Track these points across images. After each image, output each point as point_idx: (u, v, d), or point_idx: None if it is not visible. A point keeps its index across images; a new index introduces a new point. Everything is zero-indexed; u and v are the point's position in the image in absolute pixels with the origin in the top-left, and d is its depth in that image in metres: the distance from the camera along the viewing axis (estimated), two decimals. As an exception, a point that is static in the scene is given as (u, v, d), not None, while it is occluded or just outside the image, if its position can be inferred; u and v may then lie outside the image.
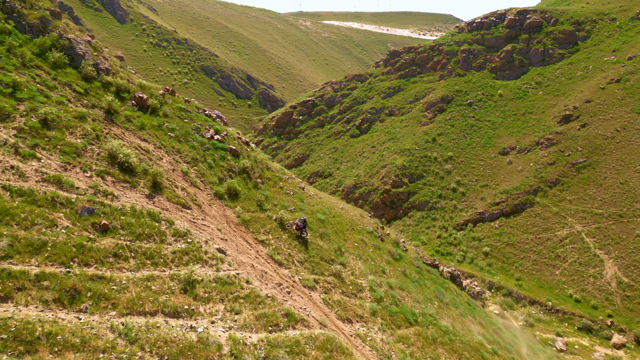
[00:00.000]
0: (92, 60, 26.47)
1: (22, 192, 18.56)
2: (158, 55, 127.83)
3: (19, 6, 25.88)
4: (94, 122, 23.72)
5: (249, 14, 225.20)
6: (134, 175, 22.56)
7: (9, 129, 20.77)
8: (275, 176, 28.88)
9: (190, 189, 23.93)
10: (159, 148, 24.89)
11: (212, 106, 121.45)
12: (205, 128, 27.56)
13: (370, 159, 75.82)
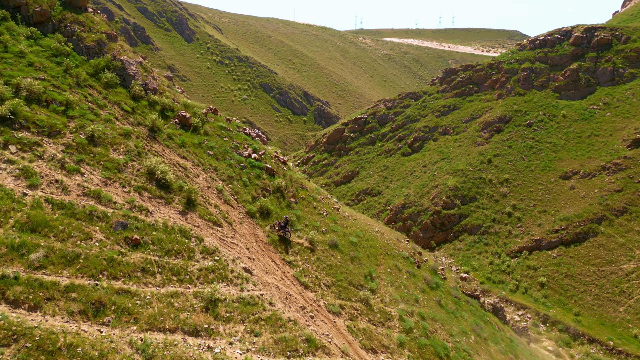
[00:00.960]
0: (142, 80, 27.92)
1: (63, 205, 19.72)
2: (220, 72, 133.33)
3: (79, 30, 27.94)
4: (137, 139, 24.90)
5: (310, 32, 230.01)
6: (170, 191, 23.32)
7: (58, 144, 22.27)
8: (310, 196, 28.82)
9: (223, 207, 24.36)
10: (196, 165, 25.63)
11: (268, 122, 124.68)
12: (244, 146, 28.12)
13: (421, 178, 73.98)
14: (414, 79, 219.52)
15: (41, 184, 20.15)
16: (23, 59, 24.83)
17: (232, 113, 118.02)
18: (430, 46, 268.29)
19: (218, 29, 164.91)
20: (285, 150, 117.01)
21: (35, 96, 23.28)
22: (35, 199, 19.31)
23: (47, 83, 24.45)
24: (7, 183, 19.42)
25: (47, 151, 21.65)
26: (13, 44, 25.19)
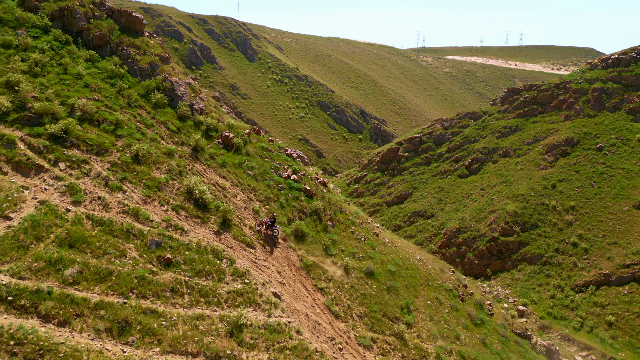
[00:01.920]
0: (189, 100, 28.75)
1: (102, 221, 20.39)
2: (279, 91, 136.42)
3: (134, 52, 29.36)
4: (179, 159, 25.49)
5: (370, 50, 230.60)
6: (207, 211, 23.53)
7: (104, 162, 23.24)
8: (348, 220, 28.04)
9: (258, 228, 24.17)
10: (235, 185, 25.77)
11: (324, 139, 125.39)
12: (284, 167, 28.00)
13: (478, 202, 70.56)
14: (476, 98, 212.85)
15: (84, 200, 21.03)
16: (80, 81, 26.39)
17: (288, 130, 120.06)
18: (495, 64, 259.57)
19: (280, 49, 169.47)
20: (339, 168, 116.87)
21: (87, 116, 24.57)
22: (77, 215, 20.13)
23: (100, 103, 25.76)
24: (53, 199, 20.42)
25: (94, 169, 22.64)
26: (72, 66, 26.88)
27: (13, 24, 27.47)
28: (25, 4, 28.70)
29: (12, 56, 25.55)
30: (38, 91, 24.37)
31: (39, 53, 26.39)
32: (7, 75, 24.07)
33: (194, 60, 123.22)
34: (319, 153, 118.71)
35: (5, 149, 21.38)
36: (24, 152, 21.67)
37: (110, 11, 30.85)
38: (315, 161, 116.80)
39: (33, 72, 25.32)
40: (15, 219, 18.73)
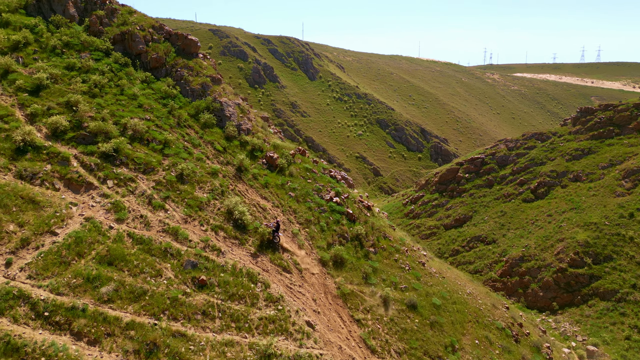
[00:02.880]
0: (237, 121, 29.04)
1: (142, 240, 20.71)
2: (338, 109, 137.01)
3: (187, 74, 30.25)
4: (223, 178, 25.62)
5: (434, 68, 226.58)
6: (245, 232, 23.30)
7: (150, 181, 23.80)
8: (392, 247, 26.69)
9: (296, 252, 23.55)
10: (276, 207, 25.43)
11: (381, 157, 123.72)
12: (327, 189, 27.34)
13: (544, 229, 65.69)
14: (547, 117, 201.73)
15: (127, 218, 21.52)
16: (134, 101, 27.49)
17: (346, 148, 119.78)
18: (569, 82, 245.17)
19: (341, 67, 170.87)
20: (397, 187, 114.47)
21: (138, 135, 25.42)
22: (119, 232, 20.60)
23: (151, 123, 26.61)
24: (98, 216, 21.08)
25: (139, 187, 23.23)
26: (129, 87, 28.09)
27: (78, 48, 29.29)
28: (90, 29, 30.58)
29: (74, 78, 27.14)
30: (94, 111, 25.61)
31: (99, 75, 27.85)
32: (68, 95, 25.53)
33: (257, 79, 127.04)
34: (376, 171, 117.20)
35: (60, 166, 22.48)
36: (76, 170, 22.67)
37: (168, 34, 32.13)
38: (372, 179, 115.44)
39: (92, 93, 26.70)
40: (60, 234, 19.43)
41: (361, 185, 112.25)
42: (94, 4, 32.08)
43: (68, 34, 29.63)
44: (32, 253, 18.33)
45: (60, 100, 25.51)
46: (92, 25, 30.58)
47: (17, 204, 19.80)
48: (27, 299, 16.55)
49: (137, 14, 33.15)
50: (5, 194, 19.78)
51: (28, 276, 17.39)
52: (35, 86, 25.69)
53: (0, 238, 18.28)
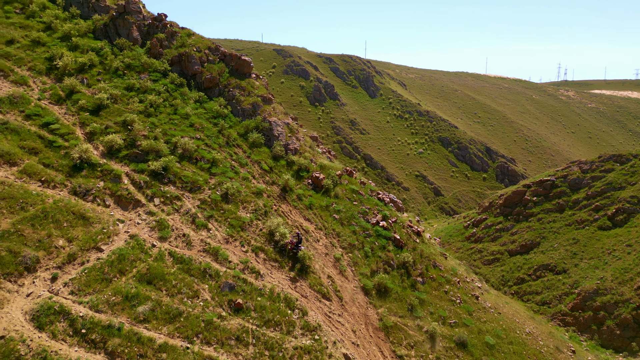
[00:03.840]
0: (285, 140, 28.81)
1: (182, 259, 20.70)
2: (399, 126, 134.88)
3: (238, 94, 30.59)
4: (267, 198, 25.30)
5: (501, 85, 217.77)
6: (285, 255, 22.69)
7: (195, 199, 23.97)
8: (442, 277, 24.82)
9: (338, 278, 22.57)
10: (319, 229, 24.66)
11: (443, 176, 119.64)
12: (373, 212, 26.17)
13: (622, 260, 59.56)
14: (629, 137, 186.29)
15: (170, 236, 21.68)
16: (187, 120, 28.11)
17: (405, 166, 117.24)
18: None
19: (402, 85, 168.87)
20: (459, 208, 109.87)
21: (187, 153, 25.85)
22: (161, 251, 20.74)
23: (201, 142, 27.01)
24: (143, 234, 21.41)
25: (185, 205, 23.45)
26: (182, 107, 28.81)
27: (138, 69, 30.62)
28: (151, 51, 31.93)
29: (132, 98, 28.30)
30: (148, 130, 26.42)
31: (155, 95, 28.84)
32: (125, 115, 26.58)
33: (317, 97, 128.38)
34: (436, 191, 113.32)
35: (112, 183, 23.24)
36: (127, 187, 23.32)
37: (223, 55, 32.84)
38: (432, 199, 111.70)
39: (147, 112, 27.64)
40: (105, 251, 19.86)
41: (420, 204, 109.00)
42: (155, 28, 33.58)
43: (130, 56, 31.12)
44: (77, 268, 18.80)
45: (118, 119, 26.62)
46: (152, 48, 31.92)
47: (69, 219, 20.55)
48: (67, 315, 16.85)
49: (195, 36, 34.26)
50: (58, 209, 20.62)
51: (71, 292, 17.79)
52: (96, 106, 27.02)
53: (50, 252, 18.95)
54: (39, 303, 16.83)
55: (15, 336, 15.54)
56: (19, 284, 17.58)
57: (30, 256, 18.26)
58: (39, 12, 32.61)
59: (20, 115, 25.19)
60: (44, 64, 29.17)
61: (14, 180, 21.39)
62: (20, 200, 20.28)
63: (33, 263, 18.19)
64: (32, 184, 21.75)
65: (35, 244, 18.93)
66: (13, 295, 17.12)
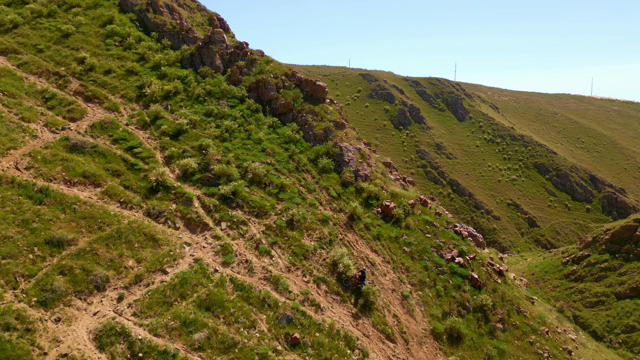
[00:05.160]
0: (355, 166, 27.81)
1: (242, 286, 20.32)
2: (489, 151, 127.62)
3: (311, 119, 30.32)
4: (333, 226, 24.33)
5: (609, 107, 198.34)
6: (348, 288, 21.41)
7: (261, 225, 23.71)
8: (527, 325, 21.69)
9: (404, 318, 20.72)
10: (386, 262, 23.06)
11: (539, 206, 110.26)
12: (449, 247, 23.93)
13: None
14: None
15: (233, 262, 21.50)
16: (259, 145, 28.32)
17: (496, 194, 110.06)
18: None
19: (494, 107, 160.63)
20: (557, 242, 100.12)
21: (257, 178, 25.87)
22: (222, 276, 20.57)
23: (271, 167, 26.96)
24: (207, 258, 21.47)
25: (250, 230, 23.27)
26: (255, 132, 29.15)
27: (218, 96, 31.72)
28: (231, 78, 33.02)
29: (209, 123, 29.22)
30: (221, 154, 26.97)
31: (231, 120, 29.55)
32: (201, 139, 27.43)
33: (402, 120, 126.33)
34: (531, 221, 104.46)
35: (184, 206, 23.83)
36: (196, 210, 23.76)
37: (299, 81, 32.99)
38: (526, 230, 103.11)
39: (222, 137, 28.31)
40: (170, 274, 20.12)
41: (512, 235, 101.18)
42: (237, 56, 34.80)
43: (211, 83, 32.42)
44: (142, 290, 19.17)
45: (195, 143, 27.55)
46: (232, 75, 33.01)
47: (140, 240, 21.23)
48: (127, 337, 17.06)
49: (274, 63, 34.92)
50: (131, 230, 21.42)
51: (133, 313, 18.07)
52: (176, 130, 28.27)
53: (119, 272, 19.57)
54: (102, 323, 17.24)
55: (76, 355, 15.95)
56: (88, 302, 18.24)
57: (101, 275, 18.94)
58: (135, 44, 35.40)
59: (109, 139, 27.05)
60: (134, 91, 31.37)
61: (96, 200, 22.73)
62: (99, 220, 21.36)
63: (103, 282, 18.83)
64: (112, 205, 22.94)
65: (107, 263, 19.66)
66: (81, 313, 17.76)
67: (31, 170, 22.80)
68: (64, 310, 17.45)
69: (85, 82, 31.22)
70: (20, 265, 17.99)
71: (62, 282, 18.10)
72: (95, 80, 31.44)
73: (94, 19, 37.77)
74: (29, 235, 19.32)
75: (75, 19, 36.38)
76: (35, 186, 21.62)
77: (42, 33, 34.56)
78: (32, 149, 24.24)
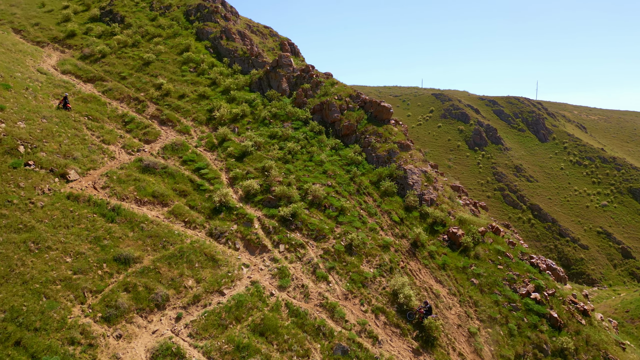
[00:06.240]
0: (420, 190, 26.51)
1: (297, 312, 19.76)
2: (575, 174, 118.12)
3: (374, 140, 29.56)
4: (395, 253, 23.16)
5: None
6: (409, 321, 20.05)
7: (319, 248, 23.15)
8: (617, 376, 18.80)
9: (471, 357, 18.92)
10: (452, 295, 21.38)
11: (635, 235, 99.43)
12: (523, 281, 21.68)
13: None
14: None
15: (289, 286, 21.07)
16: (320, 167, 28.01)
17: (583, 220, 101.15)
18: None
19: (581, 127, 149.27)
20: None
21: (317, 200, 25.48)
22: (278, 301, 20.18)
23: (332, 189, 26.46)
24: (263, 280, 21.23)
25: (308, 254, 22.79)
26: (317, 154, 28.92)
27: (283, 118, 32.06)
28: (296, 101, 33.31)
29: (273, 145, 29.49)
30: (283, 176, 26.98)
31: (294, 142, 29.62)
32: (264, 161, 27.69)
33: (477, 141, 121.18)
34: (625, 252, 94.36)
35: (244, 227, 23.97)
36: (256, 232, 23.78)
37: (363, 102, 32.49)
38: (619, 261, 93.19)
39: (285, 159, 28.39)
40: (227, 295, 20.10)
41: (603, 267, 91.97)
42: (302, 79, 35.15)
43: (277, 106, 32.90)
44: (199, 310, 19.27)
45: (258, 165, 27.87)
46: (297, 98, 33.31)
47: (200, 260, 21.52)
48: (181, 358, 17.10)
49: (339, 85, 34.80)
50: (193, 250, 21.81)
51: (189, 334, 18.14)
52: (241, 152, 28.81)
53: (179, 292, 19.88)
54: (160, 342, 17.44)
55: (132, 373, 16.19)
56: (148, 320, 18.62)
57: (162, 294, 19.32)
58: (208, 70, 37.07)
59: (179, 161, 28.17)
60: (205, 114, 32.64)
61: (162, 219, 23.53)
62: (164, 239, 22.01)
63: (163, 301, 19.18)
64: (177, 224, 23.63)
65: (168, 282, 20.06)
66: (141, 331, 18.13)
67: (107, 190, 24.17)
68: (125, 327, 17.90)
69: (161, 106, 33.07)
70: (89, 281, 18.81)
71: (125, 299, 18.66)
72: (170, 105, 33.20)
73: (173, 47, 40.24)
74: (99, 251, 20.27)
75: (155, 48, 38.96)
76: (108, 205, 22.81)
77: (126, 62, 37.33)
78: (109, 169, 25.79)
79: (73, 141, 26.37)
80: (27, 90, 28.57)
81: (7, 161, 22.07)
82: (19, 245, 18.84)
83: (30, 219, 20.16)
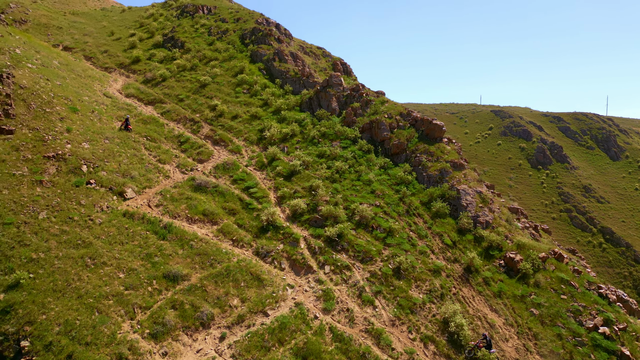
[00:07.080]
0: (474, 212, 25.19)
1: (342, 337, 19.11)
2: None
3: (425, 159, 28.61)
4: (446, 279, 21.98)
5: None
6: (462, 352, 18.80)
7: (365, 271, 22.45)
8: None
9: (530, 397, 17.31)
10: (509, 325, 19.85)
11: None
12: (590, 313, 19.69)
13: None
14: None
15: (334, 309, 20.50)
16: (368, 187, 27.44)
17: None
18: None
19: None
20: None
21: (364, 221, 24.88)
22: (322, 324, 19.65)
23: (380, 209, 25.77)
24: (308, 302, 20.82)
25: (354, 276, 22.16)
26: (366, 173, 28.41)
27: (332, 137, 31.93)
28: (345, 120, 33.13)
29: (321, 164, 29.35)
30: (330, 195, 26.67)
31: (342, 161, 29.32)
32: (312, 180, 27.56)
33: (540, 159, 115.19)
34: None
35: (290, 246, 23.80)
36: (302, 252, 23.52)
37: (414, 120, 31.71)
38: None
39: (332, 178, 28.12)
40: (270, 316, 19.87)
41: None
42: (352, 98, 34.99)
43: (326, 125, 32.87)
44: (243, 331, 19.15)
45: (305, 184, 27.78)
46: (347, 117, 33.12)
47: (246, 279, 21.53)
48: (223, 380, 16.95)
49: (389, 103, 34.27)
50: (239, 269, 21.88)
51: (232, 355, 18.01)
52: (289, 172, 28.90)
53: (224, 311, 19.91)
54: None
55: (174, 392, 16.23)
56: (193, 338, 18.73)
57: (207, 312, 19.43)
58: (260, 91, 37.88)
59: (229, 180, 28.70)
60: (256, 134, 33.22)
61: (211, 237, 23.89)
62: (211, 257, 22.28)
63: (208, 319, 19.27)
64: (225, 242, 23.89)
65: (214, 301, 20.17)
66: (186, 349, 18.25)
67: (160, 208, 24.97)
68: (171, 344, 18.09)
69: (215, 127, 34.09)
70: (140, 297, 19.28)
71: (172, 317, 18.93)
72: (223, 125, 34.15)
73: (228, 70, 41.63)
74: (150, 268, 20.80)
75: (212, 71, 40.48)
76: (161, 222, 23.50)
77: (184, 84, 39.01)
78: (164, 187, 26.70)
79: (132, 161, 27.63)
80: (93, 112, 30.44)
81: (70, 180, 23.40)
82: (76, 260, 19.73)
83: (89, 235, 21.12)
